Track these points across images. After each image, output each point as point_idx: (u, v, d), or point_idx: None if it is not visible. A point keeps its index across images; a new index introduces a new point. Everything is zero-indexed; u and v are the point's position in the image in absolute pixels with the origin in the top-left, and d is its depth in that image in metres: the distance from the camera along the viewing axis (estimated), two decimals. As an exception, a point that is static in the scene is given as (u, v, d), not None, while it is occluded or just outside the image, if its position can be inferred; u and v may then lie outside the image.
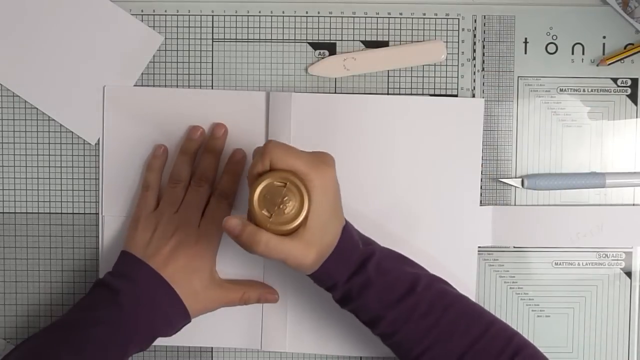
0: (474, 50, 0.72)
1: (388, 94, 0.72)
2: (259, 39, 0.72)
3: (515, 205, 0.72)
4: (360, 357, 0.73)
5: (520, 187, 0.72)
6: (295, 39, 0.72)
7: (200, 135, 0.71)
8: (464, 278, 0.71)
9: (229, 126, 0.71)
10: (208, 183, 0.70)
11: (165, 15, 0.72)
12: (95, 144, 0.72)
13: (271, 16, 0.72)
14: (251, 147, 0.70)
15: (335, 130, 0.71)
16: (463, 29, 0.72)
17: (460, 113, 0.71)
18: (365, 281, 0.62)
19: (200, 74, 0.72)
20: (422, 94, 0.72)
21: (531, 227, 0.72)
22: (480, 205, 0.72)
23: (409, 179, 0.71)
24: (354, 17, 0.72)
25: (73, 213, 0.73)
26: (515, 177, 0.72)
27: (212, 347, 0.73)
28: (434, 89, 0.72)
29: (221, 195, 0.70)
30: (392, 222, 0.71)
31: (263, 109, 0.71)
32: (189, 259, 0.67)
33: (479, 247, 0.72)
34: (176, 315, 0.66)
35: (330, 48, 0.72)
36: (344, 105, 0.71)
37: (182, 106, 0.72)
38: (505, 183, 0.72)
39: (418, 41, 0.72)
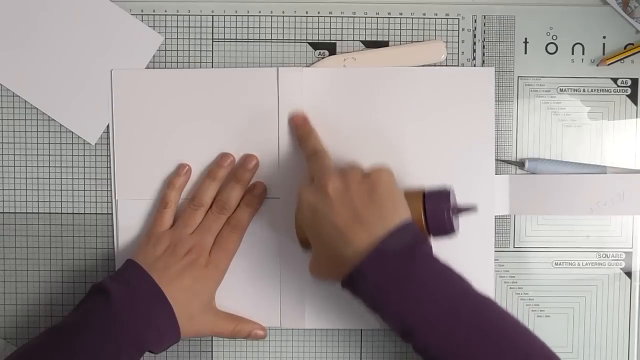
0: (474, 50, 0.72)
1: (388, 93, 0.72)
2: (259, 39, 0.72)
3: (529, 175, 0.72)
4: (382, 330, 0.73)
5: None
6: (295, 39, 0.72)
7: (230, 163, 0.71)
8: (480, 248, 0.69)
9: (240, 104, 0.71)
10: (229, 213, 0.70)
11: (165, 15, 0.72)
12: (96, 143, 0.72)
13: (271, 16, 0.72)
14: (264, 123, 0.71)
15: (347, 104, 0.71)
16: (463, 29, 0.72)
17: (472, 82, 0.71)
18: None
19: (200, 74, 0.72)
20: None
21: (549, 196, 0.71)
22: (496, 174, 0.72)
23: (422, 149, 0.71)
24: (354, 17, 0.72)
25: (73, 213, 0.73)
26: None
27: (211, 348, 0.73)
28: (434, 89, 0.72)
29: (235, 227, 0.70)
30: None
31: (274, 85, 0.71)
32: (194, 281, 0.67)
33: (495, 215, 0.71)
34: (168, 333, 0.65)
35: (330, 48, 0.72)
36: (355, 79, 0.71)
37: (192, 86, 0.71)
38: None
39: (418, 41, 0.72)
